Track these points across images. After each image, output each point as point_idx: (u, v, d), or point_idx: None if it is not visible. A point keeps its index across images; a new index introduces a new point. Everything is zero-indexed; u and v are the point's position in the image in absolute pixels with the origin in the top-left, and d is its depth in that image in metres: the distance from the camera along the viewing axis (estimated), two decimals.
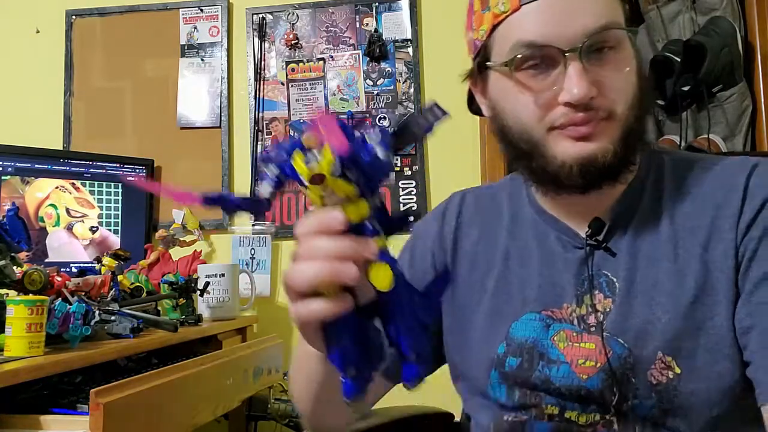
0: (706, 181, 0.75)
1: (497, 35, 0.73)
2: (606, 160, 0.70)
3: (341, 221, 0.50)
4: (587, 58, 0.67)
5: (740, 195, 0.71)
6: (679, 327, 0.69)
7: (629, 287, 0.73)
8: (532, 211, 0.84)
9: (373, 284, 0.51)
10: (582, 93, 0.67)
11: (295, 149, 0.50)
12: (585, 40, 0.67)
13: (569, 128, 0.70)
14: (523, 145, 0.73)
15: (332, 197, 0.50)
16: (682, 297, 0.70)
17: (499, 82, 0.75)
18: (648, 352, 0.70)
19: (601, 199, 0.76)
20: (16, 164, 2.09)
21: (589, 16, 0.67)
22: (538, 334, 0.76)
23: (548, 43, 0.68)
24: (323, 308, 0.51)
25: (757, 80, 1.82)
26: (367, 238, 0.50)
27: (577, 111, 0.68)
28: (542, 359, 0.75)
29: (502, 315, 0.79)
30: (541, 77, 0.70)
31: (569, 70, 0.67)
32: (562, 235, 0.79)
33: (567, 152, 0.70)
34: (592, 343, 0.73)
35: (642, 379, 0.70)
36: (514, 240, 0.83)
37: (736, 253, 0.69)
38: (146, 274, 2.06)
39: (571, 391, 0.73)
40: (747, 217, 0.70)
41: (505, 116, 0.75)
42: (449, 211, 0.92)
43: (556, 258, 0.79)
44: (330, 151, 0.48)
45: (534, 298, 0.78)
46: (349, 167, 0.48)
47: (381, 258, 0.51)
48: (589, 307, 0.75)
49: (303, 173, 0.49)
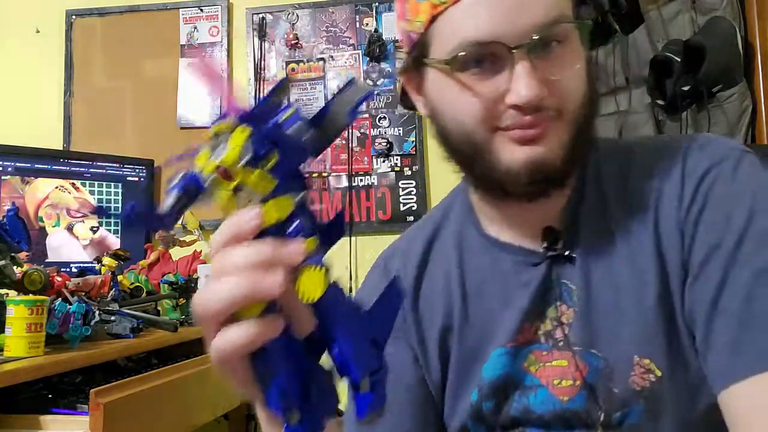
0: (645, 172, 0.70)
1: (436, 28, 0.65)
2: (555, 165, 0.64)
3: (257, 221, 0.41)
4: (535, 54, 0.62)
5: (678, 181, 0.67)
6: (650, 327, 0.65)
7: (588, 293, 0.68)
8: (480, 237, 0.76)
9: (302, 296, 0.40)
10: (532, 94, 0.61)
11: (202, 149, 0.41)
12: (533, 36, 0.61)
13: (516, 131, 0.64)
14: (465, 149, 0.67)
15: (247, 197, 0.41)
16: (646, 296, 0.66)
17: (438, 81, 0.68)
18: (624, 358, 0.66)
19: (548, 205, 0.70)
20: (16, 164, 2.09)
21: (538, 9, 0.61)
22: (509, 367, 0.70)
23: (494, 40, 0.61)
24: (245, 335, 0.41)
25: (757, 80, 1.82)
26: (291, 239, 0.41)
27: (525, 113, 0.62)
28: (517, 389, 0.70)
29: (470, 361, 0.73)
30: (486, 76, 0.64)
31: (517, 70, 0.61)
32: (515, 258, 0.73)
33: (513, 157, 0.64)
34: (564, 359, 0.68)
35: (625, 388, 0.66)
36: (467, 276, 0.75)
37: (681, 242, 0.65)
38: (146, 274, 2.05)
39: (555, 415, 0.68)
40: (685, 202, 0.66)
41: (444, 118, 0.68)
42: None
43: (513, 285, 0.72)
44: (240, 135, 0.40)
45: (500, 334, 0.71)
46: (262, 148, 0.40)
47: (311, 262, 0.41)
48: (554, 321, 0.70)
49: (207, 169, 0.40)
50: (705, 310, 0.62)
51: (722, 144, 0.68)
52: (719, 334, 0.61)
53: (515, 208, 0.70)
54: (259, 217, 0.41)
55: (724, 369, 0.60)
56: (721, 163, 0.66)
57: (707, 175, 0.65)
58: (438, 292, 0.76)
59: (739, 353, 0.59)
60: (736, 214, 0.63)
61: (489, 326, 0.72)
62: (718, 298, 0.61)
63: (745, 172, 0.65)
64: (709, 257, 0.63)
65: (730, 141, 0.71)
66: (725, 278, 0.61)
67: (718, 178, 0.65)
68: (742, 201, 0.63)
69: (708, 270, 0.63)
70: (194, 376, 1.39)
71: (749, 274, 0.60)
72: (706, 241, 0.63)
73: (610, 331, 0.67)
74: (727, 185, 0.64)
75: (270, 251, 0.41)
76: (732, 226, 0.62)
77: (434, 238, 0.79)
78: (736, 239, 0.62)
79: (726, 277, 0.61)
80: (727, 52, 1.79)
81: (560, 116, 0.64)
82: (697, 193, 0.65)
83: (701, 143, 0.69)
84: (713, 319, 0.61)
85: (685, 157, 0.68)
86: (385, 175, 2.33)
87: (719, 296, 0.61)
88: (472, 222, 0.77)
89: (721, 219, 0.63)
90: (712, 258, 0.63)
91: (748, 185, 0.64)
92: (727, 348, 0.60)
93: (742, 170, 0.65)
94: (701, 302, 0.62)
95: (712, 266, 0.62)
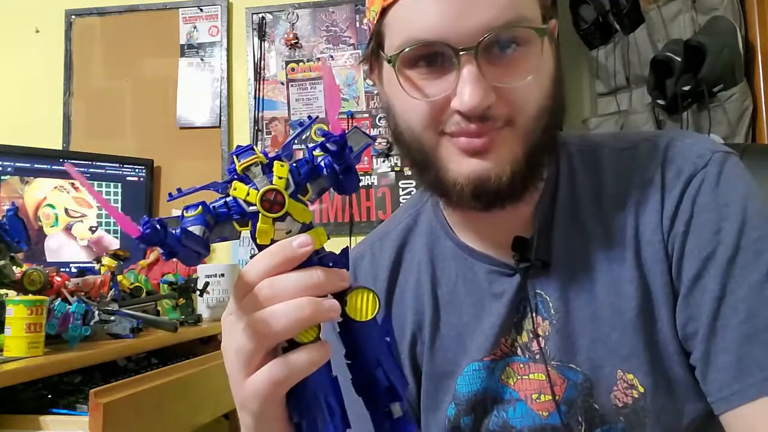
0: (622, 175, 0.66)
1: (388, 20, 0.62)
2: (501, 181, 0.59)
3: (309, 247, 0.42)
4: (487, 58, 0.57)
5: (658, 188, 0.64)
6: (632, 341, 0.63)
7: (565, 306, 0.65)
8: (452, 245, 0.72)
9: (357, 315, 0.43)
10: (474, 102, 0.56)
11: (231, 181, 0.43)
12: (482, 38, 0.56)
13: (462, 138, 0.59)
14: (416, 154, 0.63)
15: (286, 226, 0.43)
16: (626, 309, 0.63)
17: (390, 76, 0.63)
18: (606, 373, 0.63)
19: (517, 212, 0.66)
20: (15, 164, 2.08)
21: (490, 9, 0.56)
22: (486, 382, 0.67)
23: (439, 40, 0.57)
24: (310, 358, 0.42)
25: (758, 80, 1.82)
26: (332, 268, 0.44)
27: (470, 122, 0.58)
28: (495, 403, 0.67)
29: (443, 374, 0.70)
30: (434, 76, 0.59)
31: (463, 74, 0.57)
32: (487, 267, 0.69)
33: (459, 169, 0.60)
34: (541, 373, 0.65)
35: (605, 404, 0.63)
36: (439, 285, 0.72)
37: (665, 254, 0.63)
38: (146, 274, 2.05)
39: (535, 431, 0.66)
40: (669, 211, 0.63)
41: (396, 116, 0.64)
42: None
43: (485, 295, 0.69)
44: (281, 169, 0.42)
45: (474, 348, 0.68)
46: (304, 181, 0.42)
47: (356, 286, 0.44)
48: (530, 333, 0.67)
49: (250, 197, 0.42)
50: (704, 326, 0.60)
51: (700, 145, 0.65)
52: (721, 352, 0.59)
53: (481, 216, 0.65)
54: (311, 243, 0.42)
55: (729, 389, 0.59)
56: (704, 168, 0.63)
57: (691, 183, 0.63)
58: (409, 301, 0.73)
59: (743, 373, 0.58)
60: (726, 225, 0.61)
61: (462, 339, 0.70)
62: (717, 315, 0.60)
63: (730, 178, 0.63)
64: (702, 271, 0.61)
65: (707, 141, 0.67)
66: (723, 293, 0.60)
67: (703, 185, 0.62)
68: (731, 211, 0.61)
69: (702, 284, 0.61)
70: (194, 376, 1.39)
71: (747, 289, 0.59)
72: (698, 254, 0.61)
73: (589, 346, 0.64)
74: (713, 193, 0.62)
75: (324, 276, 0.42)
76: (724, 238, 0.60)
77: (405, 244, 0.76)
78: (730, 253, 0.60)
79: (723, 292, 0.60)
80: (728, 51, 1.78)
81: (512, 127, 0.60)
82: (681, 202, 0.62)
83: (678, 145, 0.66)
84: (713, 336, 0.60)
85: (664, 160, 0.65)
86: (385, 175, 2.33)
87: (718, 313, 0.60)
88: (443, 227, 0.73)
89: (711, 230, 0.61)
90: (706, 272, 0.61)
91: (735, 193, 0.62)
92: (730, 367, 0.59)
93: (727, 176, 0.63)
94: (698, 318, 0.61)
95: (707, 280, 0.60)
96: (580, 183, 0.68)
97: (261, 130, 2.39)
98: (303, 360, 0.42)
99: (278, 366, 0.43)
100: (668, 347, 0.63)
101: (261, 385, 0.43)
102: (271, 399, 0.44)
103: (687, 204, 0.62)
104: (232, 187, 0.42)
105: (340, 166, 0.44)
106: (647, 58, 2.00)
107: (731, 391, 0.58)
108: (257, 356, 0.44)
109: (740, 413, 0.58)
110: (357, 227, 2.30)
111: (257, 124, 2.39)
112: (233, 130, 2.42)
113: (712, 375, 0.60)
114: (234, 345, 0.45)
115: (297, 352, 0.42)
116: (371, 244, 0.79)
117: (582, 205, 0.67)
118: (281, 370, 0.43)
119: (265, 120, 2.39)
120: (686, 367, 0.63)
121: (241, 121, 2.42)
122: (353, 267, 0.77)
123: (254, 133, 2.37)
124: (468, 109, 0.57)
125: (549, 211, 0.68)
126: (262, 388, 0.43)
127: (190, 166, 2.40)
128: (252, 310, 0.43)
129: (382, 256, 0.76)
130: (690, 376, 0.63)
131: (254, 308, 0.43)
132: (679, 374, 0.63)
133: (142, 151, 2.39)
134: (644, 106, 2.11)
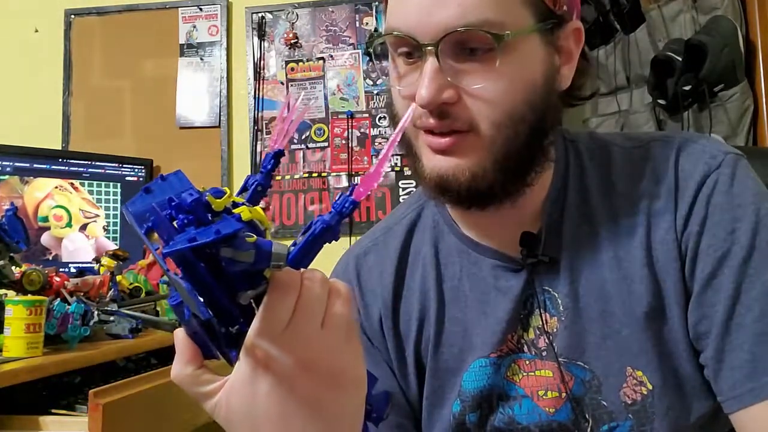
0: (633, 173, 0.67)
1: (390, 3, 0.63)
2: (460, 184, 0.60)
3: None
4: (453, 56, 0.58)
5: (672, 187, 0.64)
6: (642, 339, 0.63)
7: (575, 303, 0.65)
8: (456, 240, 0.72)
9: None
10: (428, 96, 0.57)
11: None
12: (443, 36, 0.56)
13: (428, 135, 0.60)
14: (404, 142, 0.64)
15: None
16: (636, 307, 0.63)
17: (388, 65, 0.65)
18: (615, 370, 0.64)
19: (523, 207, 0.66)
20: (14, 164, 2.08)
21: (455, 9, 0.56)
22: (492, 379, 0.67)
23: (408, 33, 0.58)
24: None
25: (759, 79, 1.82)
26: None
27: (430, 116, 0.59)
28: (501, 399, 0.67)
29: (449, 370, 0.70)
30: (412, 69, 0.61)
31: (424, 67, 0.58)
32: (493, 262, 0.69)
33: (428, 164, 0.62)
34: (548, 369, 0.66)
35: (614, 400, 0.64)
36: (444, 281, 0.72)
37: (678, 253, 0.63)
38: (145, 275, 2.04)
39: (541, 428, 0.66)
40: (683, 211, 0.63)
41: (393, 106, 0.66)
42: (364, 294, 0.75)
43: (491, 291, 0.69)
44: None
45: (480, 344, 0.68)
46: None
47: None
48: (536, 330, 0.67)
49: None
50: (717, 325, 0.61)
51: (713, 147, 0.66)
52: (734, 351, 0.60)
53: (475, 212, 0.65)
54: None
55: (742, 388, 0.59)
56: (718, 170, 0.64)
57: (705, 183, 0.63)
58: (415, 297, 0.73)
59: (757, 372, 0.58)
60: (740, 226, 0.61)
61: (467, 335, 0.69)
62: (731, 314, 0.60)
63: (743, 180, 0.64)
64: (717, 270, 0.61)
65: (718, 143, 0.68)
66: (737, 292, 0.60)
67: (717, 185, 0.63)
68: (745, 212, 0.62)
69: (716, 283, 0.61)
70: None
71: (761, 288, 0.60)
72: (712, 254, 0.62)
73: (598, 343, 0.65)
74: (728, 194, 0.63)
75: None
76: (738, 238, 0.61)
77: (410, 239, 0.75)
78: (744, 253, 0.61)
79: (738, 291, 0.60)
80: (729, 51, 1.78)
81: (476, 133, 0.59)
82: (695, 202, 0.63)
83: (691, 145, 0.66)
84: (727, 335, 0.60)
85: (676, 161, 0.65)
86: (385, 175, 2.33)
87: (732, 311, 0.60)
88: (447, 222, 0.73)
89: (726, 230, 0.62)
90: (720, 271, 0.61)
91: (748, 193, 0.63)
92: (744, 366, 0.59)
93: (740, 177, 0.64)
94: (711, 316, 0.61)
95: (721, 279, 0.61)
96: (589, 180, 0.68)
97: (261, 130, 2.38)
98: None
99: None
100: (678, 345, 0.63)
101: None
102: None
103: (701, 204, 0.63)
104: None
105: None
106: (648, 58, 1.99)
107: (744, 390, 0.59)
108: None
109: (753, 412, 0.58)
110: (357, 227, 2.30)
111: (257, 123, 2.38)
112: (233, 129, 2.41)
113: (724, 373, 0.60)
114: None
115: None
116: (374, 239, 0.78)
117: (592, 202, 0.67)
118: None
119: (265, 120, 2.39)
120: (695, 366, 0.63)
121: (240, 121, 2.42)
122: (356, 263, 0.76)
123: (254, 133, 2.37)
124: (421, 102, 0.57)
125: (558, 208, 0.68)
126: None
127: (190, 166, 2.39)
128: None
129: (388, 252, 0.75)
130: (699, 374, 0.63)
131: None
132: (688, 372, 0.63)
133: (141, 150, 2.39)
134: (645, 106, 2.10)
